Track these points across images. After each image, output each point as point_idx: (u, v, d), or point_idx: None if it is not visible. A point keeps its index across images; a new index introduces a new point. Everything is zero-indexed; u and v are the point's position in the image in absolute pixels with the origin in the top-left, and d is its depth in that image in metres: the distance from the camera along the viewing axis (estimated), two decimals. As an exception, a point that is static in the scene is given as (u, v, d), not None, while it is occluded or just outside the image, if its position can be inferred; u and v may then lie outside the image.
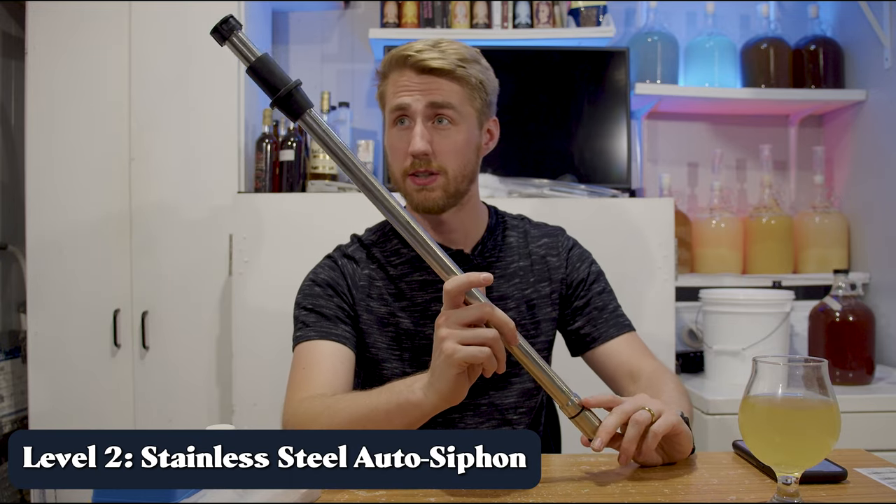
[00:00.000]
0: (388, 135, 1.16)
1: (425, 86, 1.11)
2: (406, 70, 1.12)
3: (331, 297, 1.17)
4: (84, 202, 2.06)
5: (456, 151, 1.13)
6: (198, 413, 2.04)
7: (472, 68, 1.13)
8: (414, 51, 1.11)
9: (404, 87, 1.11)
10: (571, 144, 2.23)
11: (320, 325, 1.14)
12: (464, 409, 1.17)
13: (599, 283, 1.25)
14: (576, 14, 2.28)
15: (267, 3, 2.35)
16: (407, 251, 1.20)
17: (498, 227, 1.24)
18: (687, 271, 2.34)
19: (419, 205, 1.13)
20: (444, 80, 1.11)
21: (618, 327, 1.21)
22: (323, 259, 1.23)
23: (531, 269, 1.22)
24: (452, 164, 1.12)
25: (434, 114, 1.11)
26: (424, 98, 1.10)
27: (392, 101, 1.13)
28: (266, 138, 2.11)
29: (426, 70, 1.10)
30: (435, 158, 1.11)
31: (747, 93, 2.32)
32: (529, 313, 1.20)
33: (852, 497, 0.84)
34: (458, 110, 1.12)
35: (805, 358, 0.79)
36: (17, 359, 2.27)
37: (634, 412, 0.88)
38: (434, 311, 1.16)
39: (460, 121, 1.13)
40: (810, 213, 2.37)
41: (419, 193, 1.13)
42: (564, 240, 1.28)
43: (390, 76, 1.14)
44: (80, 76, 2.07)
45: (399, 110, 1.12)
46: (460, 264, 1.17)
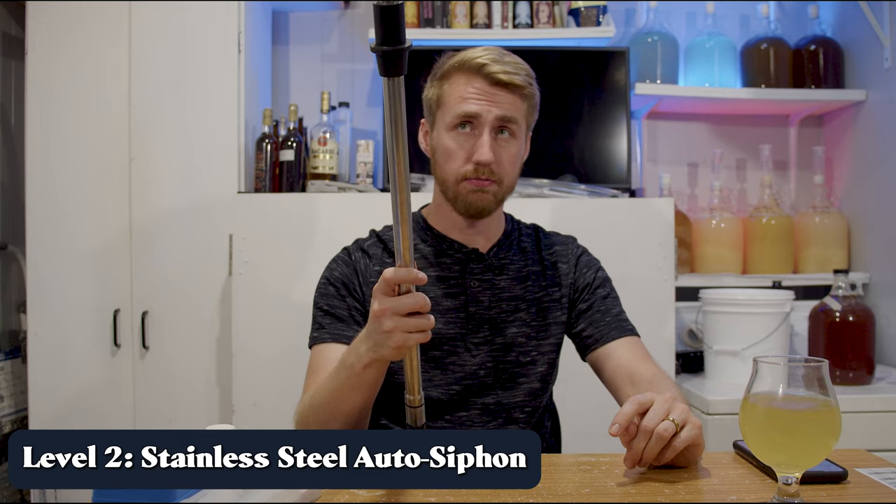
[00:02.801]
0: (444, 136, 1.17)
1: (496, 98, 1.14)
2: (477, 78, 1.14)
3: (344, 297, 1.20)
4: (84, 202, 2.06)
5: (512, 162, 1.18)
6: (198, 413, 2.04)
7: (535, 86, 1.18)
8: (488, 60, 1.13)
9: (474, 96, 1.14)
10: (571, 144, 2.23)
11: (334, 328, 1.18)
12: (471, 408, 1.18)
13: (604, 289, 1.27)
14: (576, 14, 2.28)
15: (267, 3, 2.35)
16: (423, 246, 1.23)
17: (514, 233, 1.28)
18: (687, 271, 2.34)
19: (472, 204, 1.16)
20: (513, 95, 1.15)
21: (619, 330, 1.22)
22: (340, 251, 1.27)
23: (543, 274, 1.25)
24: (509, 174, 1.17)
25: (500, 126, 1.15)
26: (495, 110, 1.14)
27: (459, 107, 1.14)
28: (266, 138, 2.11)
29: (499, 83, 1.13)
30: (496, 167, 1.15)
31: (747, 93, 2.32)
32: (540, 316, 1.23)
33: (852, 497, 0.84)
34: (520, 124, 1.17)
35: (805, 358, 0.79)
36: (17, 359, 2.27)
37: (656, 416, 0.87)
38: (444, 305, 1.19)
39: (519, 134, 1.18)
40: (810, 213, 2.37)
41: (474, 194, 1.16)
42: (574, 247, 1.31)
43: (455, 79, 1.16)
44: (80, 76, 2.07)
45: (466, 117, 1.14)
46: (476, 262, 1.21)
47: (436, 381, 1.18)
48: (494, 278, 1.22)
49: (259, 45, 2.25)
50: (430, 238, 1.24)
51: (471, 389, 1.18)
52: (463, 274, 1.21)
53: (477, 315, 1.19)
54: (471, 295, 1.20)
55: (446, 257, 1.22)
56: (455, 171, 1.16)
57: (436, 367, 1.18)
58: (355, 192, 2.04)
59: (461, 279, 1.21)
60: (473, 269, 1.21)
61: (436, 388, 1.18)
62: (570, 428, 1.33)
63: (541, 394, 1.22)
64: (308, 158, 2.15)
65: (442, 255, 1.22)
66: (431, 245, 1.23)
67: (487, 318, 1.19)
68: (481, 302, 1.20)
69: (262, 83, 2.30)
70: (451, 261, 1.22)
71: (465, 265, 1.21)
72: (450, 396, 1.18)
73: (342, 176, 2.22)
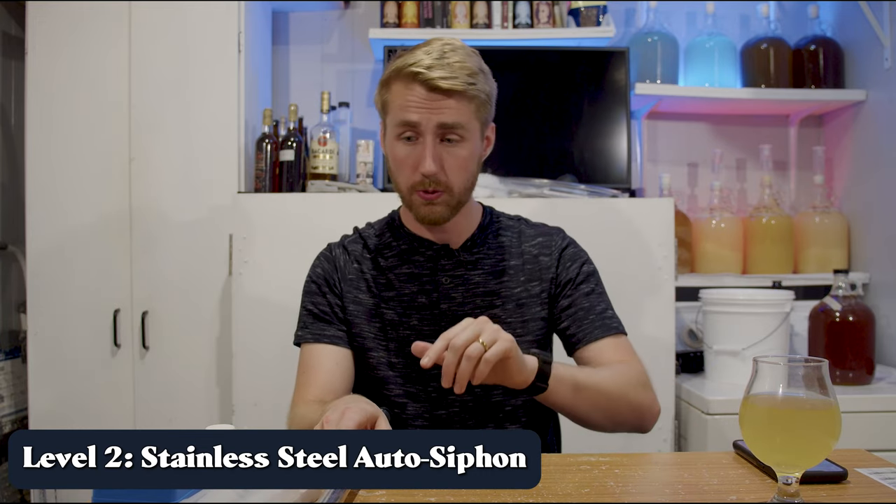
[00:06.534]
0: (391, 145, 1.16)
1: (435, 104, 1.09)
2: (415, 85, 1.09)
3: (325, 294, 1.23)
4: (84, 202, 2.06)
5: (462, 167, 1.14)
6: (198, 413, 2.04)
7: (480, 83, 1.12)
8: (424, 67, 1.08)
9: (413, 104, 1.10)
10: (571, 144, 2.23)
11: (316, 327, 1.21)
12: (450, 406, 1.18)
13: (588, 284, 1.22)
14: (576, 14, 2.28)
15: (267, 3, 2.35)
16: (398, 244, 1.23)
17: (490, 227, 1.25)
18: (687, 271, 2.34)
19: (424, 217, 1.16)
20: (453, 99, 1.09)
21: (603, 329, 1.18)
22: (324, 248, 1.29)
23: (522, 269, 1.23)
24: (458, 180, 1.14)
25: (443, 133, 1.12)
26: (435, 117, 1.10)
27: (399, 116, 1.12)
28: (266, 138, 2.11)
29: (436, 89, 1.08)
30: (443, 175, 1.13)
31: (747, 93, 2.32)
32: (518, 312, 1.21)
33: (852, 497, 0.84)
34: (466, 128, 1.12)
35: (805, 358, 0.79)
36: (17, 359, 2.27)
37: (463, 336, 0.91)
38: (419, 303, 1.19)
39: (468, 137, 1.13)
40: (810, 213, 2.37)
41: (426, 207, 1.15)
42: (559, 239, 1.26)
43: (394, 87, 1.13)
44: (80, 76, 2.07)
45: (407, 126, 1.12)
46: (445, 259, 1.21)
47: (413, 378, 1.18)
48: (467, 273, 1.20)
49: (259, 45, 2.25)
50: (403, 236, 1.24)
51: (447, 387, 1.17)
52: (434, 271, 1.20)
53: (450, 312, 1.18)
54: (443, 292, 1.19)
55: (418, 255, 1.22)
56: (405, 181, 1.15)
57: (413, 364, 1.15)
58: (355, 192, 2.04)
59: (432, 276, 1.20)
60: (444, 266, 1.20)
61: (413, 384, 1.18)
62: (570, 428, 1.33)
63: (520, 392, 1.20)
64: (308, 158, 2.15)
65: (413, 252, 1.22)
66: (405, 243, 1.23)
67: (461, 314, 1.16)
68: (454, 298, 1.19)
69: (262, 83, 2.30)
70: (422, 258, 1.21)
71: (436, 262, 1.20)
72: (427, 394, 1.18)
73: (342, 176, 2.22)
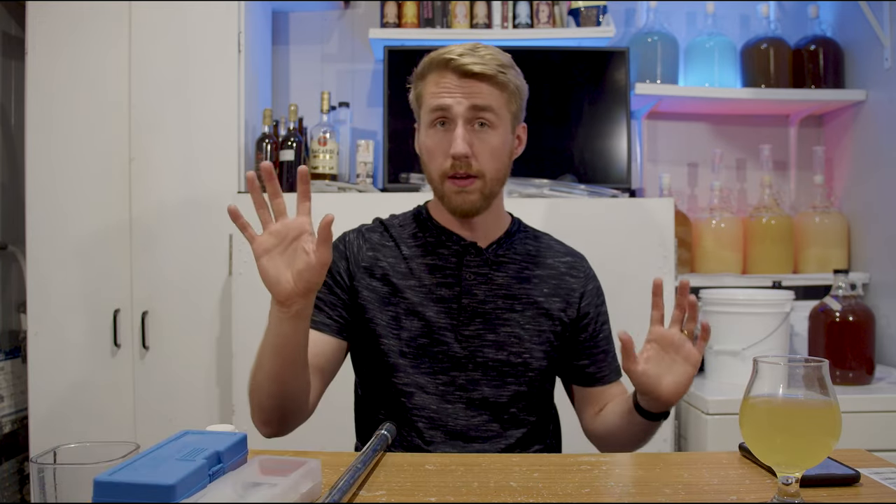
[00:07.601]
0: (424, 135, 1.18)
1: (467, 89, 1.13)
2: (447, 73, 1.14)
3: (325, 281, 1.20)
4: (84, 202, 2.06)
5: (494, 154, 1.16)
6: (198, 413, 2.04)
7: (510, 73, 1.16)
8: (456, 54, 1.13)
9: (445, 89, 1.14)
10: (571, 144, 2.23)
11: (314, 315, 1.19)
12: (456, 402, 1.18)
13: (607, 325, 1.30)
14: (576, 14, 2.28)
15: (267, 3, 2.35)
16: (423, 235, 1.24)
17: (518, 234, 1.28)
18: (687, 271, 2.34)
19: (458, 207, 1.17)
20: (484, 84, 1.13)
21: (617, 372, 1.29)
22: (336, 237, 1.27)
23: (546, 281, 1.25)
24: (490, 167, 1.16)
25: (475, 117, 1.14)
26: (466, 100, 1.13)
27: (432, 102, 1.15)
28: (266, 138, 2.11)
29: (468, 74, 1.13)
30: (475, 161, 1.14)
31: (747, 93, 2.32)
32: (536, 321, 1.22)
33: (853, 497, 0.84)
34: (497, 114, 1.15)
35: (805, 358, 0.79)
36: (17, 359, 2.27)
37: None
38: (439, 294, 1.19)
39: (498, 124, 1.16)
40: (810, 213, 2.37)
41: (458, 196, 1.16)
42: (588, 268, 1.31)
43: (429, 77, 1.17)
44: (80, 76, 2.07)
45: (440, 111, 1.14)
46: (473, 256, 1.22)
47: (423, 369, 1.18)
48: (492, 273, 1.21)
49: (259, 45, 2.25)
50: (430, 228, 1.24)
51: (456, 381, 1.18)
52: (459, 265, 1.21)
53: (470, 307, 1.19)
54: (465, 287, 1.20)
55: (444, 248, 1.22)
56: (437, 169, 1.16)
57: (424, 354, 1.18)
58: (355, 192, 2.04)
59: (457, 270, 1.21)
60: (470, 262, 1.21)
61: (423, 375, 1.18)
62: (570, 428, 1.33)
63: (528, 397, 1.22)
64: (308, 158, 2.15)
65: (440, 245, 1.22)
66: (432, 235, 1.23)
67: (481, 311, 1.19)
68: (475, 295, 1.20)
69: (262, 83, 2.30)
70: (447, 252, 1.22)
71: (461, 257, 1.21)
72: (436, 386, 1.18)
73: (342, 176, 2.23)
